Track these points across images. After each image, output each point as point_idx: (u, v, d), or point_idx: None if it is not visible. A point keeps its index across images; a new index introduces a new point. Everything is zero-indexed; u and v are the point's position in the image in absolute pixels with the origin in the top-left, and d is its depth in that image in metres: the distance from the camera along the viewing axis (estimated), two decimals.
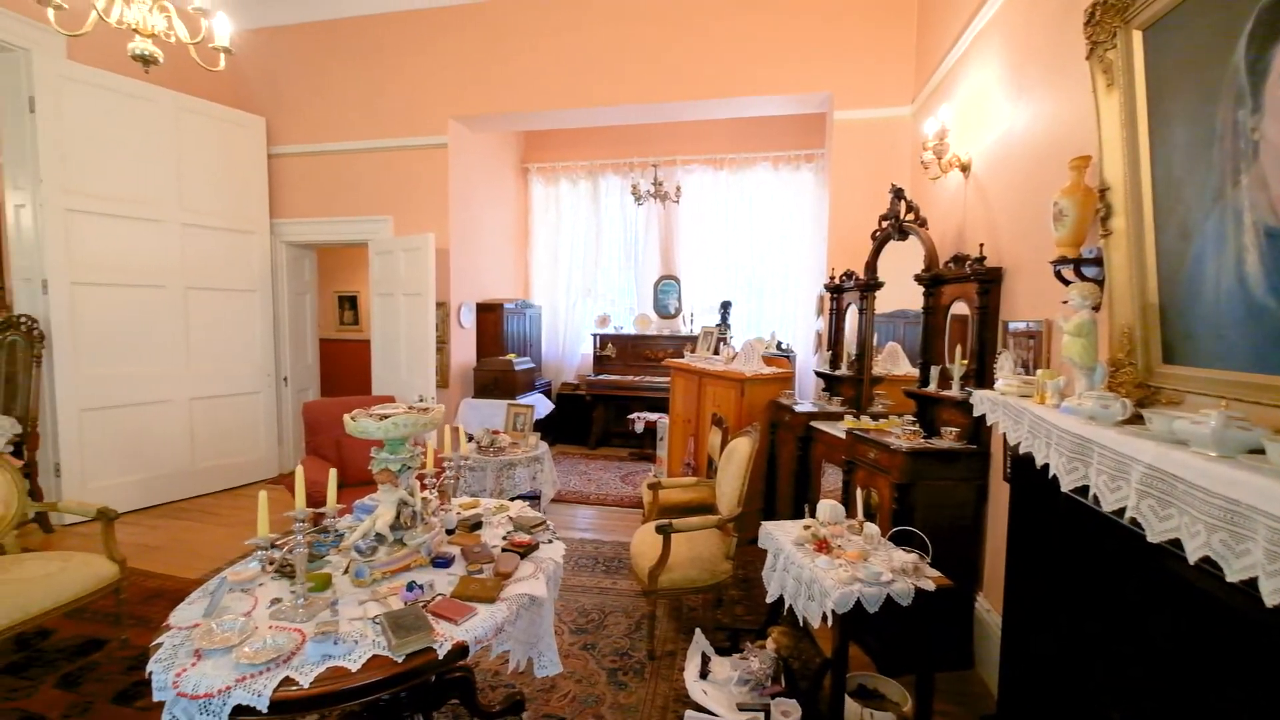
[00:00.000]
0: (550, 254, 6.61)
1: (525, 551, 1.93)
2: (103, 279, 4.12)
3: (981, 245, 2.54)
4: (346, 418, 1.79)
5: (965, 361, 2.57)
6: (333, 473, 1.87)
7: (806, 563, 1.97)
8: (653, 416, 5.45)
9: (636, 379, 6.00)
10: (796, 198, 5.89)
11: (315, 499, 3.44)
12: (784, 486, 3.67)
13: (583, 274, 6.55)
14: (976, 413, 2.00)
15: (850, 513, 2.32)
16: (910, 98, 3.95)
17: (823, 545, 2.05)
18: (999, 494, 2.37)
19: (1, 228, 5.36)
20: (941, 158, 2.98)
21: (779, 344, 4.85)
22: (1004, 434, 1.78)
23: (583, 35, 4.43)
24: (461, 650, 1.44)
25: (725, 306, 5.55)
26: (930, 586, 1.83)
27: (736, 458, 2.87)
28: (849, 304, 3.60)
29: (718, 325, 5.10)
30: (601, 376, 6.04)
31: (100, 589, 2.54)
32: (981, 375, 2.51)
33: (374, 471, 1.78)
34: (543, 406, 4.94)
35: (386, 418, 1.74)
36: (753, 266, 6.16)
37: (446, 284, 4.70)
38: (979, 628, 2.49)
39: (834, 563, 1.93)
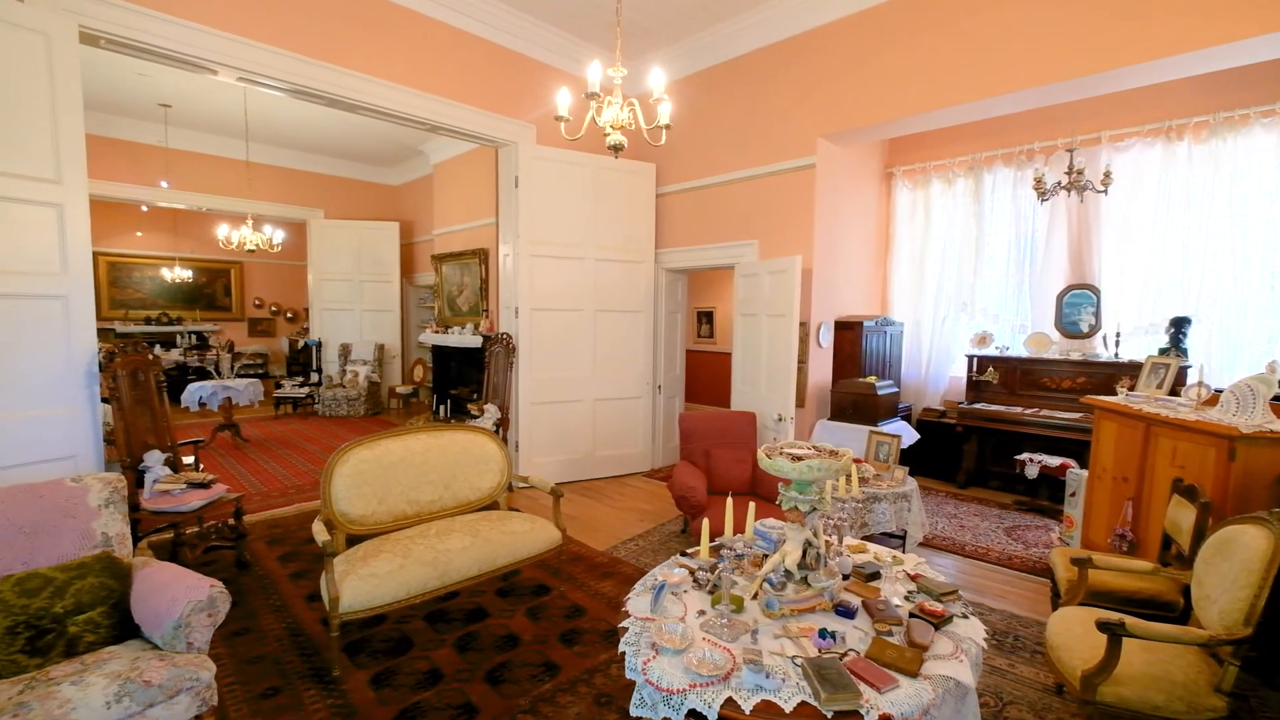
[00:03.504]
0: (914, 265, 6.02)
1: (939, 623, 1.69)
2: (546, 305, 5.40)
3: None
4: (761, 453, 1.86)
5: None
6: (729, 504, 1.96)
7: None
8: (1052, 460, 4.40)
9: (1027, 411, 4.95)
10: None
11: (688, 501, 3.81)
12: None
13: (956, 286, 5.75)
14: None
15: None
16: None
17: None
18: None
19: (496, 271, 7.54)
20: None
21: None
22: None
23: (962, 25, 3.85)
24: None
25: (1179, 325, 4.10)
26: None
27: (1241, 555, 2.02)
28: None
29: (1169, 351, 3.79)
30: (978, 405, 5.18)
31: (551, 550, 3.28)
32: None
33: (783, 509, 1.81)
34: (909, 436, 4.50)
35: (800, 459, 1.74)
36: (1227, 270, 4.40)
37: (808, 304, 4.69)
38: None
39: None
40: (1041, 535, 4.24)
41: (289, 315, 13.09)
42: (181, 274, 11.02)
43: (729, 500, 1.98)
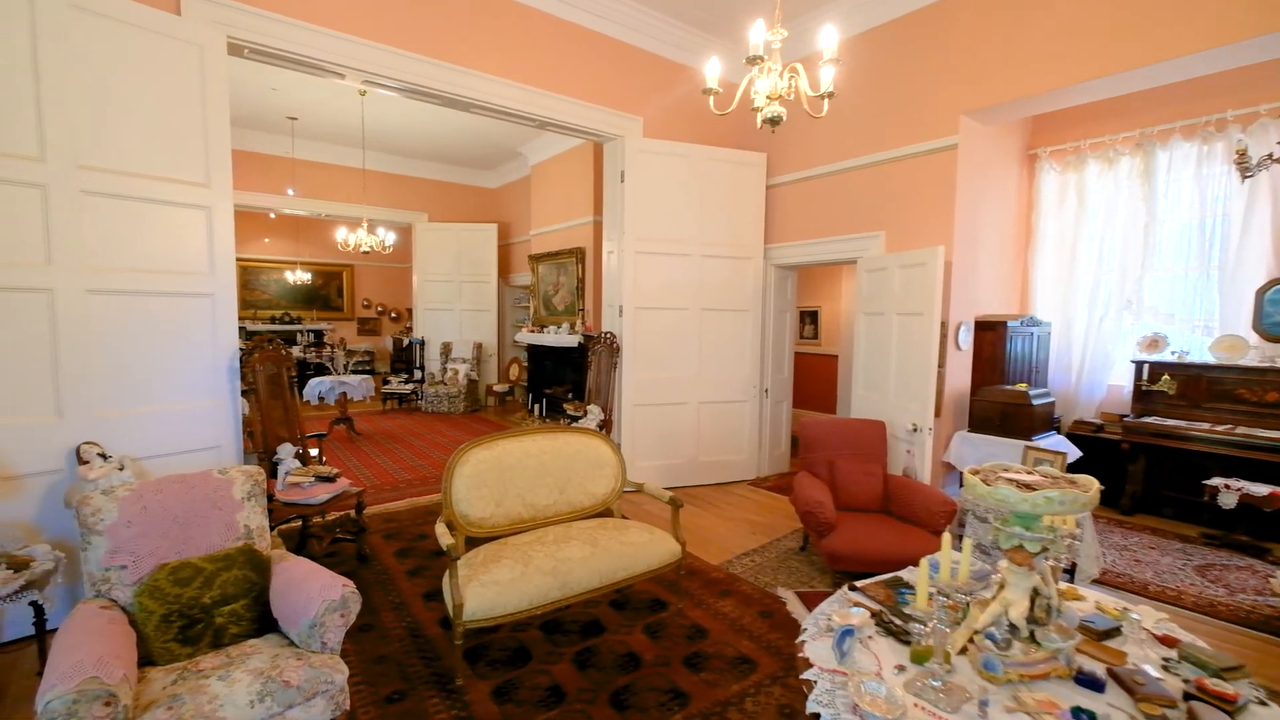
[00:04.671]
0: (1063, 257, 5.30)
1: (1233, 711, 1.30)
2: (651, 303, 5.21)
3: None
4: (972, 478, 1.53)
5: None
6: (925, 564, 1.63)
7: None
8: (1258, 489, 3.66)
9: (1216, 428, 4.19)
10: None
11: (815, 518, 3.47)
12: None
13: (1119, 281, 5.00)
14: None
15: None
16: None
17: None
18: None
19: (593, 270, 7.49)
20: None
21: None
22: None
23: None
24: None
25: None
26: None
27: None
28: None
29: None
30: (1149, 419, 4.46)
31: (670, 564, 3.05)
32: None
33: (1002, 547, 1.47)
34: (1073, 453, 3.91)
35: (1031, 487, 1.39)
36: None
37: (945, 301, 4.20)
38: None
39: None
40: (1248, 579, 3.53)
41: (393, 315, 13.80)
42: (302, 276, 11.86)
43: (924, 565, 1.67)
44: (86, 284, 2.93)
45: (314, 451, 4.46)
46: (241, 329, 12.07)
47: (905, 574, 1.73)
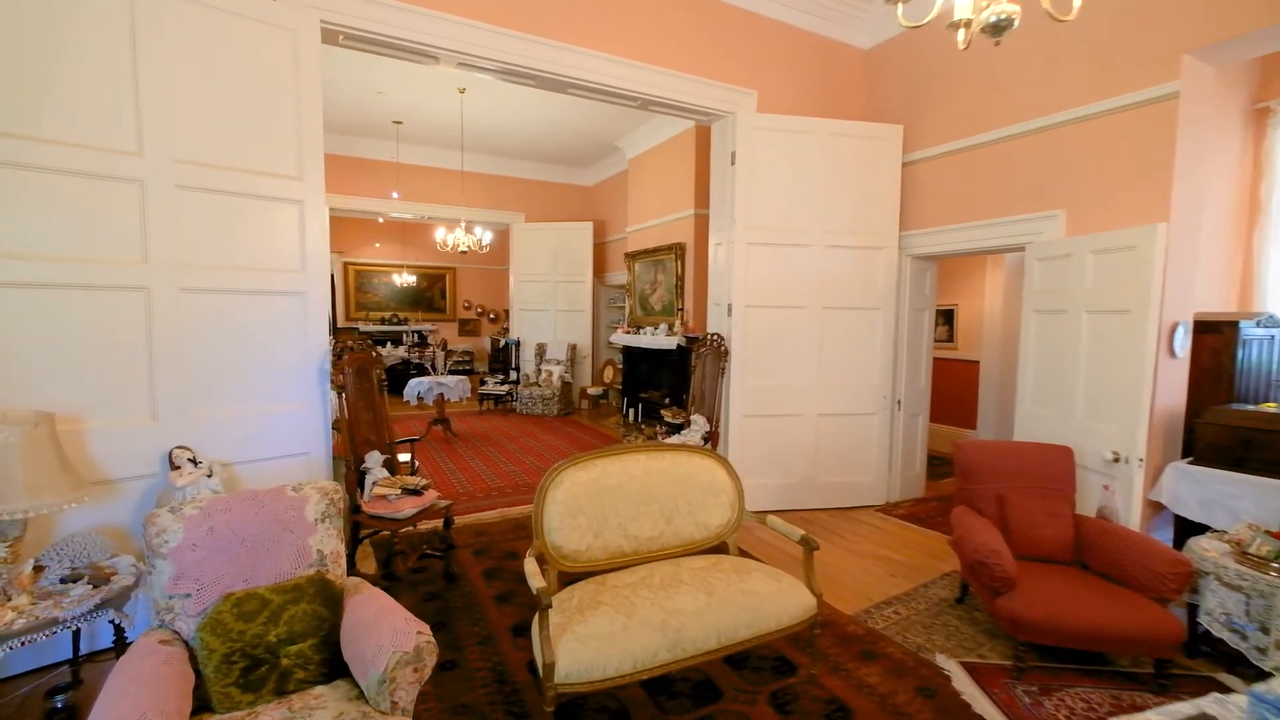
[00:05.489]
0: None
1: None
2: (763, 301, 4.60)
3: None
4: None
5: None
6: None
7: None
8: None
9: None
10: None
11: (989, 571, 2.72)
12: None
13: None
14: None
15: None
16: None
17: None
18: None
19: (693, 267, 6.99)
20: None
21: None
22: None
23: None
24: None
25: None
26: None
27: None
28: None
29: None
30: None
31: (803, 621, 2.46)
32: None
33: None
34: None
35: None
36: None
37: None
38: None
39: None
40: None
41: (491, 316, 14.05)
42: (408, 279, 12.29)
43: None
44: (180, 282, 2.81)
45: (405, 457, 4.28)
46: (354, 329, 12.72)
47: None
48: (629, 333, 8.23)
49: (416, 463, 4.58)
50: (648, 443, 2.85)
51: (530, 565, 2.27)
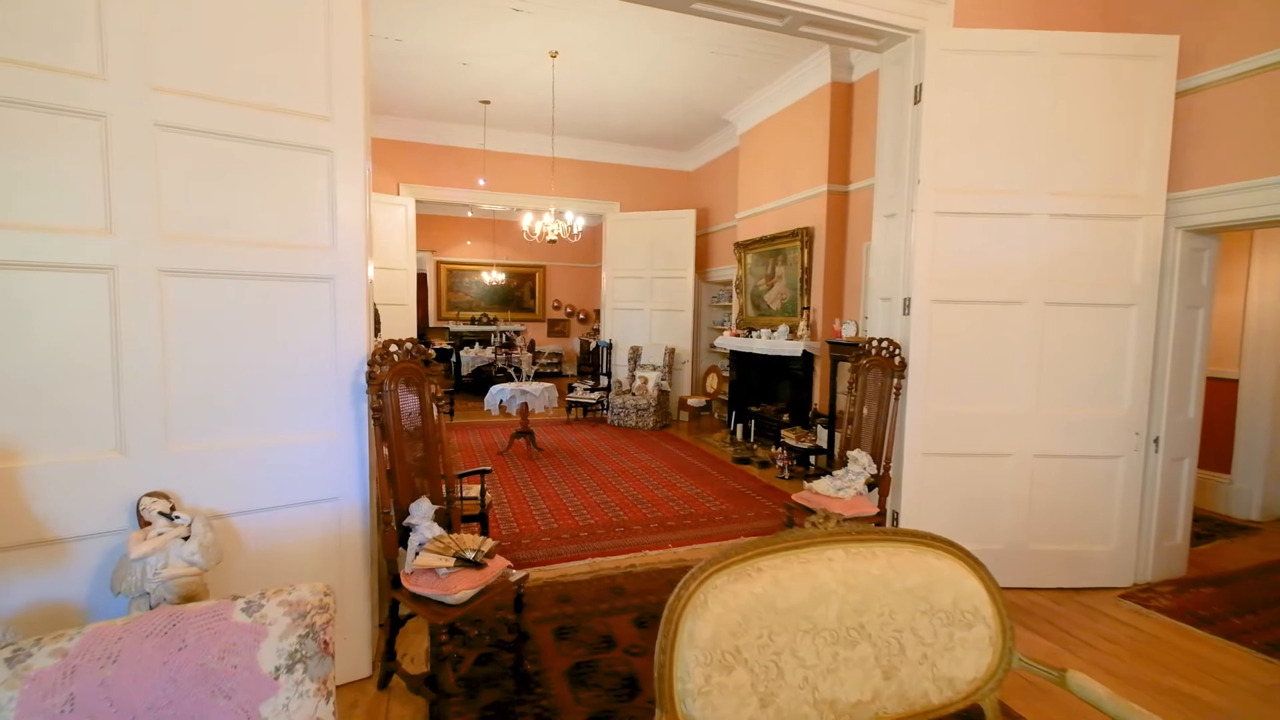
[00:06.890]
0: None
1: None
2: (956, 295, 3.26)
3: None
4: None
5: None
6: None
7: None
8: None
9: None
10: None
11: None
12: None
13: None
14: None
15: None
16: None
17: None
18: None
19: (824, 256, 5.69)
20: None
21: None
22: None
23: None
24: None
25: None
26: None
27: None
28: None
29: None
30: None
31: None
32: None
33: None
34: None
35: None
36: None
37: None
38: None
39: None
40: None
41: (581, 316, 13.32)
42: (497, 277, 11.76)
43: None
44: (160, 260, 1.98)
45: (472, 491, 3.36)
46: (444, 329, 12.36)
47: None
48: (738, 335, 7.03)
49: (489, 497, 3.65)
50: (842, 528, 1.66)
51: None
